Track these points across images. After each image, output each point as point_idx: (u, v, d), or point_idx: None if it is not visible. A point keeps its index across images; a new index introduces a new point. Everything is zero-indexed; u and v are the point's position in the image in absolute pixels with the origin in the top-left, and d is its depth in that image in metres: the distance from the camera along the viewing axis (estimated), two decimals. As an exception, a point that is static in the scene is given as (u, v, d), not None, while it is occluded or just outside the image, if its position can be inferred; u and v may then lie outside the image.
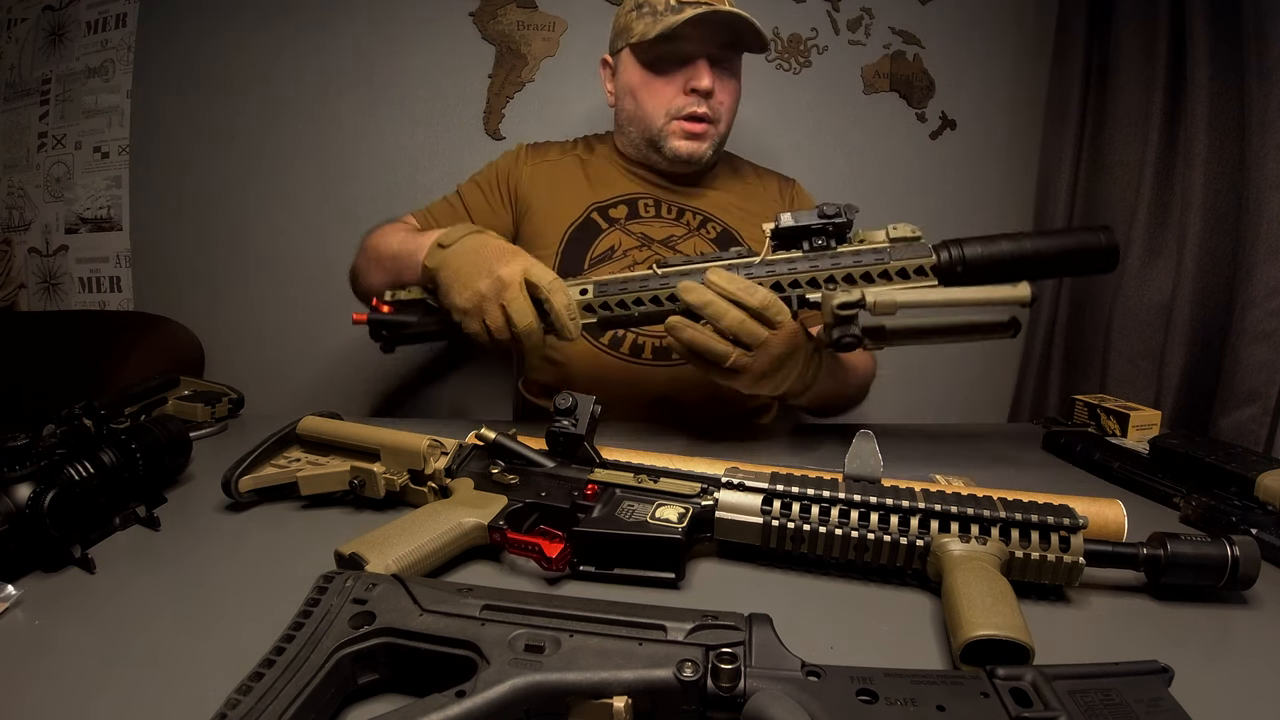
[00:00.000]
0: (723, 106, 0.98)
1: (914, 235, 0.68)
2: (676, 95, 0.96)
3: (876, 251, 0.67)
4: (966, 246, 0.66)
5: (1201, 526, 0.60)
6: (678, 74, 0.95)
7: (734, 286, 0.65)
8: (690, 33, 0.92)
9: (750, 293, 0.65)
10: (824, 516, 0.49)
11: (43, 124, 1.56)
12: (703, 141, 0.98)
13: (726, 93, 0.98)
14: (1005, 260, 0.66)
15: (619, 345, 0.97)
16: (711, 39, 0.94)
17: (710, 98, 0.95)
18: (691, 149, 0.97)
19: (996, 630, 0.38)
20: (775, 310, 0.66)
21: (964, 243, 0.66)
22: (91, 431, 0.56)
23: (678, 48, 0.94)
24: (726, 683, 0.33)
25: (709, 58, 0.95)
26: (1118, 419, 0.84)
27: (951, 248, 0.66)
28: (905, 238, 0.68)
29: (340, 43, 1.47)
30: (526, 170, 1.06)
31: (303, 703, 0.32)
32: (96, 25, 1.52)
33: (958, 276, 0.66)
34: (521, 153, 1.10)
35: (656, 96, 0.97)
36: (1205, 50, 1.12)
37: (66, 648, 0.41)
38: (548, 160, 1.08)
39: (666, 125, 0.97)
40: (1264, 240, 1.03)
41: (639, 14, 0.95)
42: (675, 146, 0.97)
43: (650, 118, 0.98)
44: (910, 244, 0.68)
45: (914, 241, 0.68)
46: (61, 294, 1.60)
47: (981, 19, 1.49)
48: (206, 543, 0.55)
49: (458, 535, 0.50)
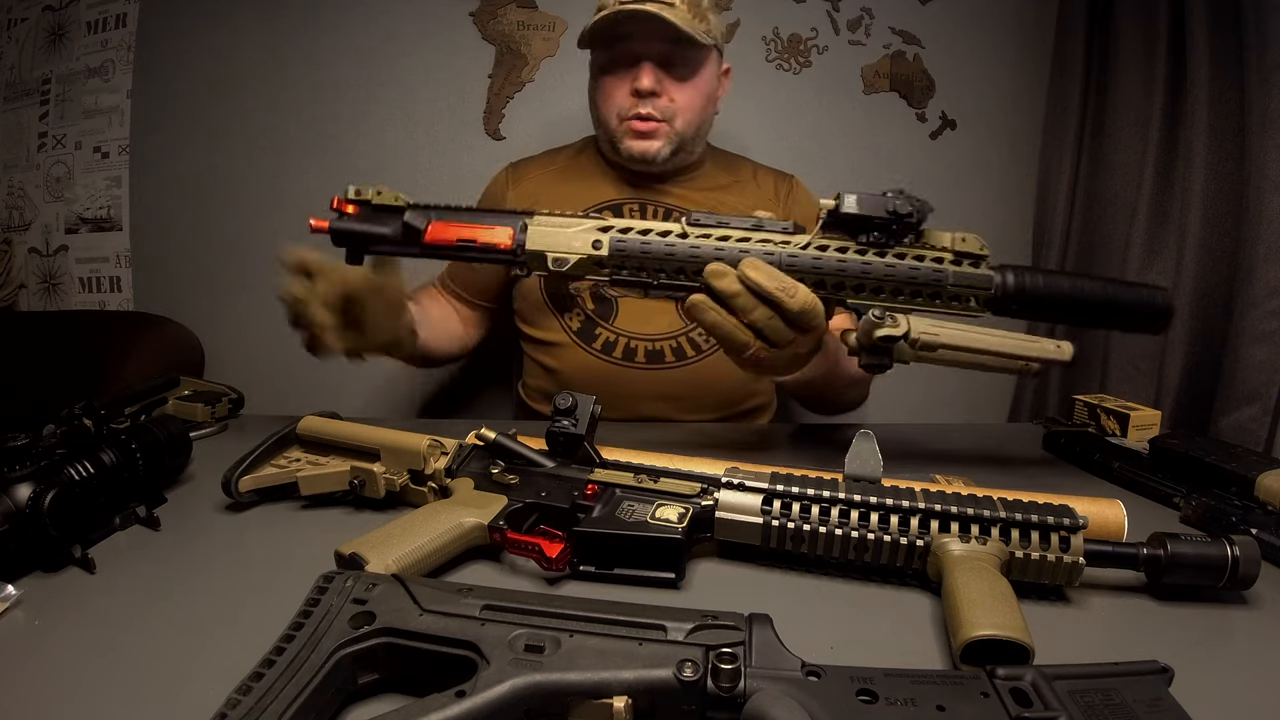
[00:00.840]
0: (674, 105, 0.96)
1: (980, 251, 0.62)
2: (625, 97, 0.96)
3: (936, 269, 0.61)
4: (1029, 277, 0.61)
5: (1201, 526, 0.60)
6: (626, 76, 0.95)
7: (772, 285, 0.58)
8: (634, 31, 0.92)
9: (790, 295, 0.58)
10: (824, 516, 0.49)
11: (43, 124, 1.56)
12: (654, 140, 0.96)
13: (679, 91, 0.96)
14: (1062, 300, 0.62)
15: (611, 350, 0.97)
16: (652, 38, 0.92)
17: (656, 98, 0.95)
18: (643, 148, 0.97)
19: (996, 630, 0.38)
20: (812, 317, 0.60)
21: (1026, 272, 0.62)
22: (91, 431, 0.57)
23: (627, 49, 0.94)
24: (726, 683, 0.33)
25: (659, 57, 0.94)
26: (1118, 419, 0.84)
27: (1011, 275, 0.61)
28: (970, 253, 0.62)
29: (340, 43, 1.47)
30: (512, 193, 1.07)
31: (303, 703, 0.32)
32: (96, 25, 1.52)
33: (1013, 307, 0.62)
34: (505, 176, 1.10)
35: (609, 99, 0.97)
36: (1205, 50, 1.12)
37: (66, 648, 0.41)
38: (529, 178, 1.08)
39: (618, 127, 0.97)
40: (1264, 240, 1.03)
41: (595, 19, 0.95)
42: (628, 146, 0.97)
43: (605, 119, 0.99)
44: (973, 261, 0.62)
45: (978, 259, 0.62)
46: (61, 294, 1.60)
47: (981, 19, 1.49)
48: (207, 543, 0.55)
49: (458, 535, 0.50)
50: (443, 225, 0.65)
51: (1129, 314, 0.63)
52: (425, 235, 0.65)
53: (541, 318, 1.01)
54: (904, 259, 0.61)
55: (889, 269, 0.61)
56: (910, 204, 0.60)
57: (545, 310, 1.00)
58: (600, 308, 0.99)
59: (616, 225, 0.64)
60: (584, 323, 0.99)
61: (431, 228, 0.65)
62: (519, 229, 0.64)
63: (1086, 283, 0.63)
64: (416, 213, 0.66)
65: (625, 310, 0.98)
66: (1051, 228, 1.42)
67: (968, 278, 0.61)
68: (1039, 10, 1.48)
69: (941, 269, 0.61)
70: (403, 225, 0.65)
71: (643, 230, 0.63)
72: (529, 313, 1.03)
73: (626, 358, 0.97)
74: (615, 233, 0.63)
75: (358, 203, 0.67)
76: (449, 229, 0.65)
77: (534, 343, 1.04)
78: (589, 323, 0.98)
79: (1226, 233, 1.12)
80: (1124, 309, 0.63)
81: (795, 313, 0.59)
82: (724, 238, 0.62)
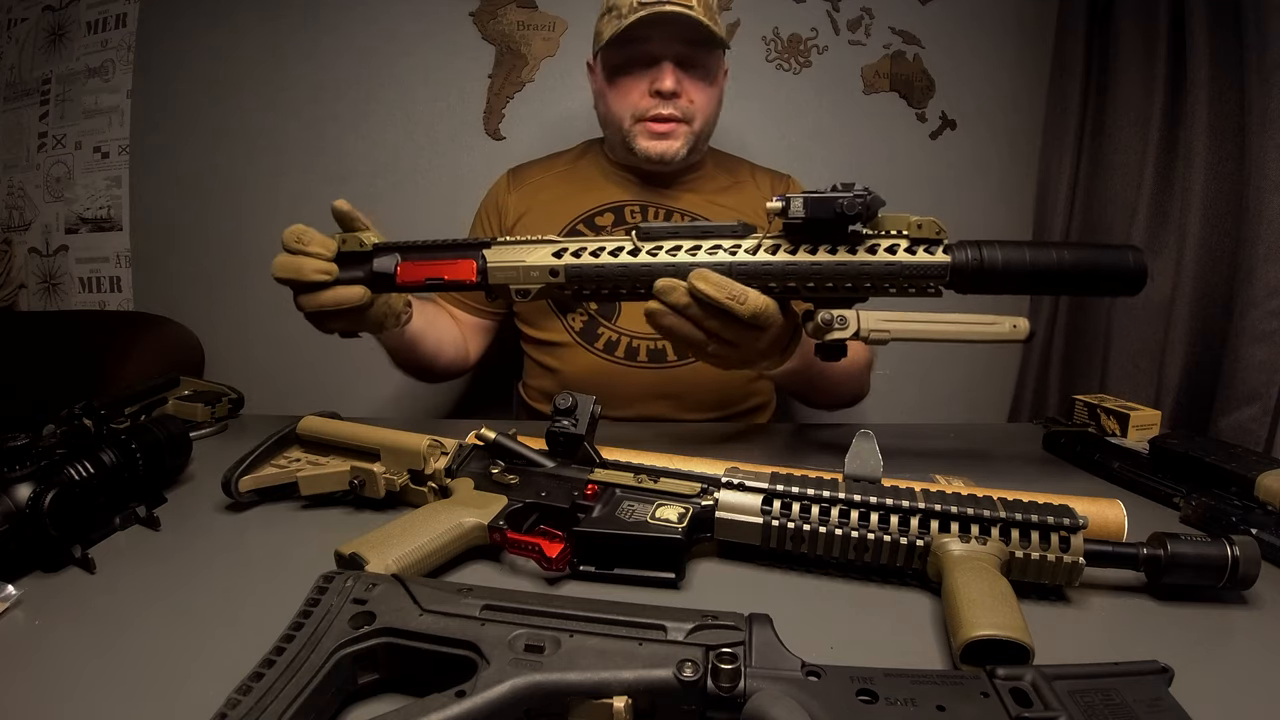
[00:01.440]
0: (693, 106, 0.97)
1: (937, 236, 0.61)
2: (642, 98, 0.96)
3: (887, 262, 0.60)
4: (986, 252, 0.60)
5: (1201, 526, 0.60)
6: (643, 76, 0.95)
7: (722, 295, 0.59)
8: (653, 34, 0.92)
9: (740, 302, 0.59)
10: (824, 516, 0.49)
11: (43, 124, 1.56)
12: (673, 140, 0.97)
13: (697, 92, 0.97)
14: (1025, 272, 0.60)
15: (614, 350, 0.97)
16: (674, 39, 0.93)
17: (676, 98, 0.95)
18: (662, 148, 0.97)
19: (996, 630, 0.38)
20: (766, 319, 0.61)
21: (984, 247, 0.60)
22: (91, 431, 0.57)
23: (643, 50, 0.94)
24: (726, 683, 0.33)
25: (677, 58, 0.94)
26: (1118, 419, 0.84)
27: (970, 251, 0.60)
28: (927, 238, 0.61)
29: (340, 43, 1.47)
30: (512, 198, 1.06)
31: (303, 703, 0.32)
32: (96, 25, 1.52)
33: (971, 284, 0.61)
34: (505, 181, 1.10)
35: (623, 99, 0.97)
36: (1205, 50, 1.12)
37: (67, 648, 0.41)
38: (529, 182, 1.08)
39: (633, 127, 0.97)
40: (1264, 240, 1.03)
41: (608, 19, 0.95)
42: (645, 147, 0.97)
43: (618, 120, 0.98)
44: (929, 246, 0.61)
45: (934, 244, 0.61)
46: (61, 294, 1.60)
47: (981, 19, 1.49)
48: (206, 543, 0.55)
49: (458, 535, 0.50)
50: (411, 266, 0.67)
51: (1100, 278, 0.61)
52: (396, 279, 0.67)
53: (543, 319, 1.01)
54: (855, 254, 0.61)
55: (839, 266, 0.60)
56: (858, 202, 0.59)
57: (547, 311, 1.00)
58: (603, 308, 0.99)
59: (570, 248, 0.65)
60: (586, 323, 0.99)
61: (400, 269, 0.67)
62: (479, 259, 0.66)
63: (1051, 252, 0.61)
64: (384, 257, 0.67)
65: (628, 310, 0.98)
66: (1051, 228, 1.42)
67: (920, 267, 0.60)
68: (1039, 10, 1.48)
69: (893, 260, 0.60)
70: (373, 273, 0.67)
71: (595, 251, 0.64)
72: (530, 314, 1.03)
73: (629, 357, 0.97)
74: (569, 256, 0.65)
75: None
76: (417, 269, 0.67)
77: (535, 343, 1.04)
78: (591, 322, 0.98)
79: (1226, 233, 1.12)
80: (1094, 273, 0.61)
81: (747, 318, 0.60)
82: (675, 248, 0.63)
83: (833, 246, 0.61)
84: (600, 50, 0.98)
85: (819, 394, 0.96)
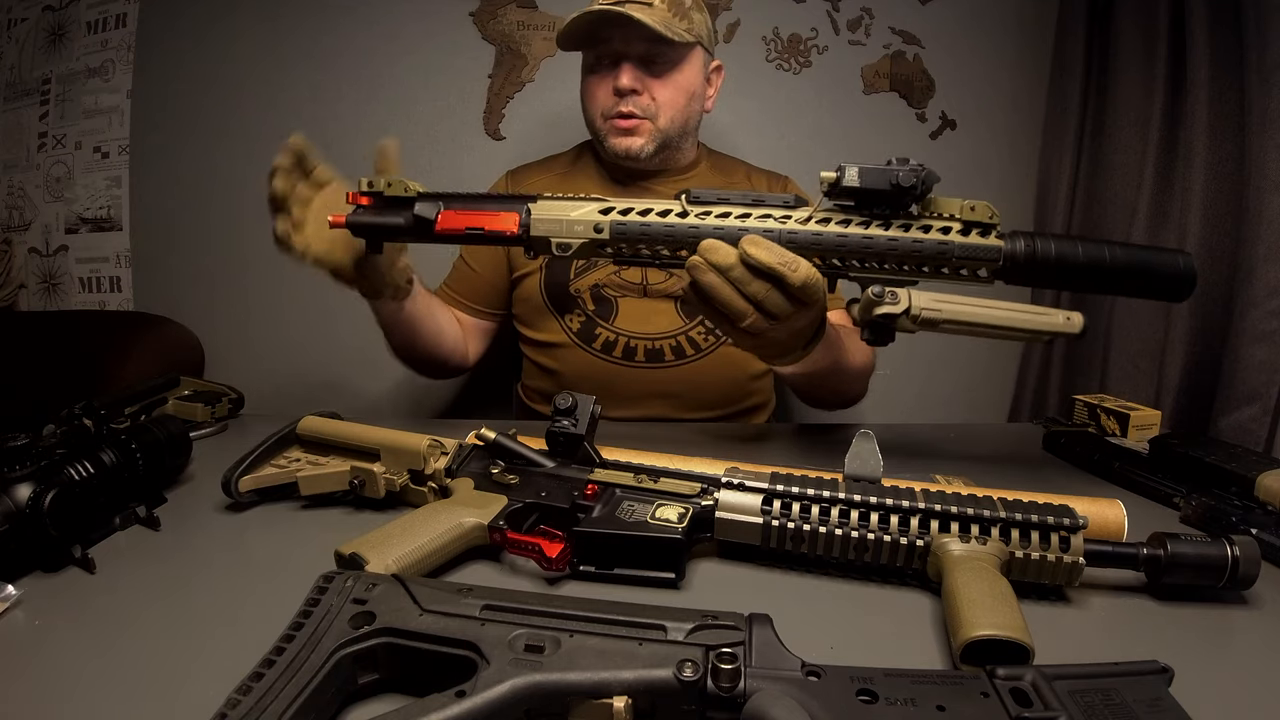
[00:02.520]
0: (655, 103, 0.96)
1: (990, 220, 0.59)
2: (608, 96, 0.96)
3: (941, 241, 0.59)
4: (1039, 243, 0.59)
5: (1201, 526, 0.60)
6: (609, 75, 0.96)
7: (774, 260, 0.57)
8: (613, 34, 0.93)
9: (792, 269, 0.57)
10: (824, 516, 0.49)
11: (43, 124, 1.56)
12: (636, 137, 0.97)
13: (662, 89, 0.96)
14: (1077, 266, 0.59)
15: (611, 350, 0.97)
16: (633, 38, 0.93)
17: (637, 95, 0.95)
18: (627, 145, 0.97)
19: (996, 630, 0.38)
20: (813, 291, 0.59)
21: (1037, 238, 0.59)
22: (91, 431, 0.57)
23: (608, 49, 0.95)
24: (726, 683, 0.33)
25: (640, 57, 0.94)
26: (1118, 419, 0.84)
27: (1022, 242, 0.59)
28: (979, 221, 0.59)
29: (340, 43, 1.47)
30: None
31: (303, 703, 0.32)
32: (96, 25, 1.52)
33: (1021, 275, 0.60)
34: (504, 182, 1.11)
35: (593, 99, 0.98)
36: (1205, 50, 1.12)
37: (67, 648, 0.41)
38: (528, 183, 1.08)
39: (603, 125, 0.98)
40: (1264, 240, 1.03)
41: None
42: (613, 144, 0.97)
43: (591, 119, 1.00)
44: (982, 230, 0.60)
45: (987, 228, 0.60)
46: (61, 294, 1.60)
47: (981, 19, 1.49)
48: (206, 543, 0.55)
49: (458, 535, 0.50)
50: (452, 214, 0.66)
51: (1150, 280, 0.60)
52: (436, 225, 0.66)
53: (541, 320, 1.01)
54: (908, 231, 0.59)
55: (891, 242, 0.59)
56: (915, 175, 0.57)
57: (545, 312, 1.00)
58: (600, 308, 0.99)
59: (617, 206, 0.64)
60: (584, 323, 0.99)
61: (441, 217, 0.66)
62: (524, 214, 0.65)
63: (1105, 248, 0.59)
64: (426, 203, 0.66)
65: (625, 310, 0.98)
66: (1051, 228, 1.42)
67: (973, 249, 0.59)
68: (1039, 10, 1.48)
69: (947, 240, 0.59)
70: (414, 217, 0.66)
71: (643, 210, 0.64)
72: (529, 315, 1.03)
73: (626, 357, 0.97)
74: (616, 214, 0.64)
75: (371, 194, 0.67)
76: (458, 218, 0.66)
77: (534, 344, 1.04)
78: (589, 323, 0.98)
79: (1226, 233, 1.12)
80: (1145, 275, 0.60)
81: (797, 287, 0.58)
82: (724, 214, 0.62)
83: (886, 223, 0.60)
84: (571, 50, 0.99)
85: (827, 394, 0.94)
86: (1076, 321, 0.59)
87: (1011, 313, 0.60)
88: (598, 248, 0.65)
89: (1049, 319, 0.60)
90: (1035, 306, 0.61)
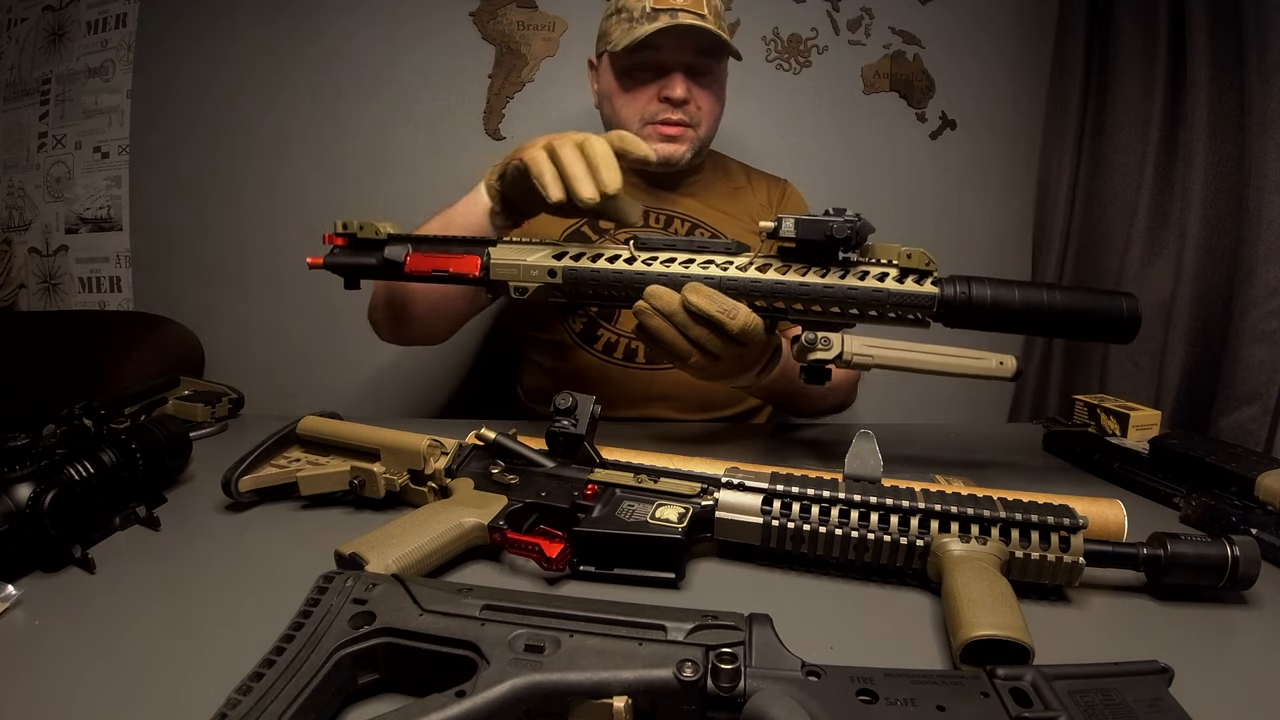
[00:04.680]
0: (700, 112, 0.97)
1: (927, 267, 0.61)
2: (650, 102, 0.96)
3: (874, 289, 0.61)
4: (975, 289, 0.60)
5: (1201, 526, 0.60)
6: (653, 82, 0.96)
7: (713, 308, 0.61)
8: (665, 41, 0.92)
9: (731, 316, 0.61)
10: (824, 516, 0.49)
11: (43, 124, 1.56)
12: (680, 144, 0.97)
13: (705, 99, 0.98)
14: (1013, 311, 0.60)
15: (612, 351, 0.97)
16: (687, 47, 0.93)
17: (685, 105, 0.95)
18: (669, 151, 0.97)
19: (996, 630, 0.38)
20: (751, 335, 0.62)
21: (973, 283, 0.61)
22: (91, 431, 0.56)
23: (653, 56, 0.94)
24: (726, 683, 0.33)
25: (686, 65, 0.95)
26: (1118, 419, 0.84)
27: (959, 287, 0.60)
28: (915, 268, 0.61)
29: (340, 43, 1.47)
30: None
31: (303, 703, 0.32)
32: (96, 25, 1.52)
33: (958, 319, 0.62)
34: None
35: (632, 104, 0.97)
36: (1205, 50, 1.12)
37: (67, 648, 0.41)
38: None
39: (641, 130, 0.97)
40: (1264, 240, 1.03)
41: (617, 19, 0.95)
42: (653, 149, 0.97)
43: (626, 124, 0.98)
44: (918, 276, 0.61)
45: (923, 275, 0.61)
46: (61, 294, 1.60)
47: (981, 19, 1.49)
48: (206, 543, 0.55)
49: (458, 535, 0.50)
50: (419, 257, 0.70)
51: (1091, 323, 0.62)
52: (405, 266, 0.70)
53: (543, 320, 1.01)
54: (844, 278, 0.61)
55: (827, 289, 0.61)
56: (849, 226, 0.60)
57: (547, 313, 1.00)
58: (603, 309, 0.99)
59: (570, 251, 0.67)
60: (586, 324, 0.99)
61: (410, 259, 0.70)
62: (485, 256, 0.69)
63: (1043, 293, 0.61)
64: (395, 246, 0.71)
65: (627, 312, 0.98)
66: (1051, 228, 1.42)
67: (907, 296, 0.60)
68: (1039, 10, 1.48)
69: (880, 288, 0.61)
70: (384, 259, 0.70)
71: (593, 256, 0.67)
72: (531, 315, 1.03)
73: (627, 358, 0.97)
74: (569, 260, 0.67)
75: (345, 235, 0.72)
76: (425, 260, 0.70)
77: (535, 344, 1.03)
78: (591, 324, 0.98)
79: (1226, 233, 1.12)
80: (1085, 319, 0.61)
81: (735, 333, 0.62)
82: (670, 259, 0.65)
83: (823, 270, 0.62)
84: (607, 52, 0.98)
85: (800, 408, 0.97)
86: (1009, 365, 0.62)
87: (944, 357, 0.63)
88: (553, 290, 0.68)
89: (982, 363, 0.62)
90: (970, 351, 0.63)
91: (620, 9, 0.95)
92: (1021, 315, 0.61)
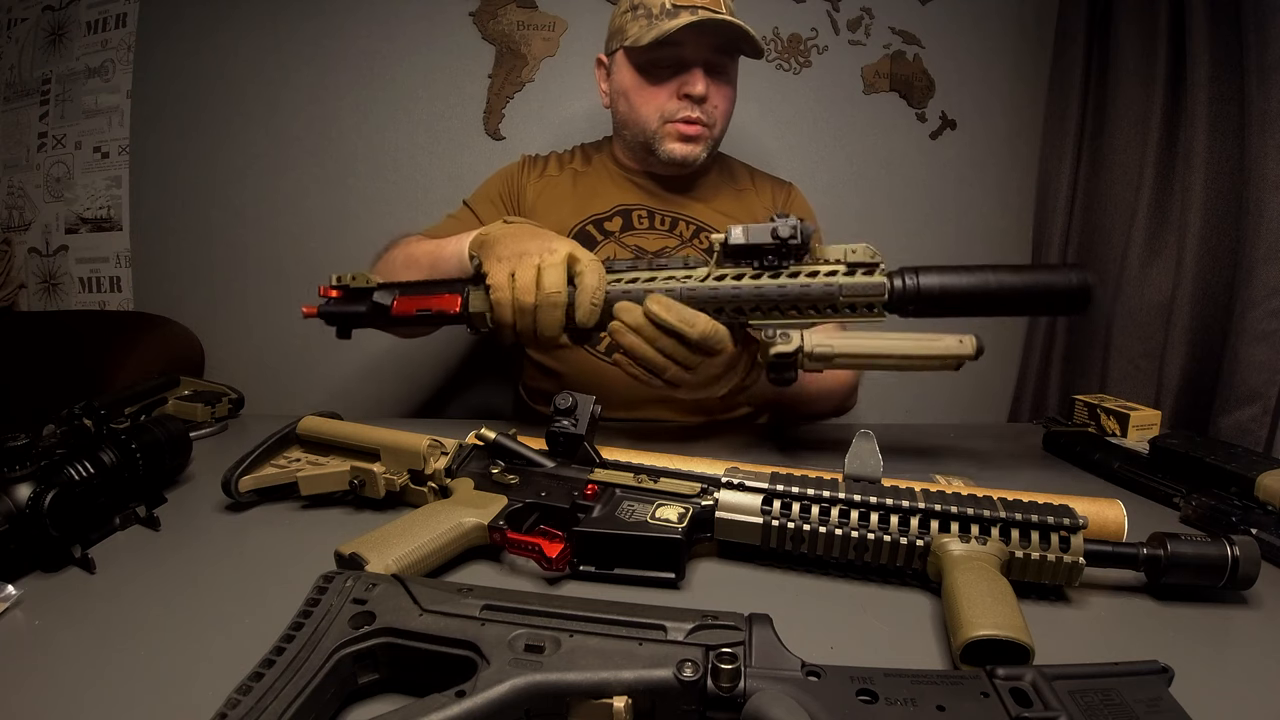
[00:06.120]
0: (717, 111, 0.97)
1: (871, 260, 0.64)
2: (670, 99, 0.96)
3: (827, 284, 0.64)
4: (923, 277, 0.63)
5: (1201, 526, 0.60)
6: (672, 79, 0.95)
7: (672, 317, 0.64)
8: (685, 38, 0.92)
9: (690, 325, 0.64)
10: (824, 516, 0.49)
11: (43, 124, 1.56)
12: (696, 144, 0.98)
13: (721, 97, 0.98)
14: (963, 295, 0.63)
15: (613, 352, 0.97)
16: (706, 44, 0.93)
17: (704, 103, 0.95)
18: (686, 151, 0.97)
19: (996, 630, 0.38)
20: (715, 341, 0.65)
21: (920, 273, 0.64)
22: (91, 431, 0.56)
23: (672, 52, 0.94)
24: (726, 683, 0.33)
25: (704, 62, 0.94)
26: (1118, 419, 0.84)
27: (907, 277, 0.64)
28: (862, 263, 0.64)
29: (340, 43, 1.47)
30: (530, 183, 1.07)
31: (303, 703, 0.32)
32: (96, 25, 1.52)
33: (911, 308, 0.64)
34: (523, 164, 1.10)
35: (650, 100, 0.97)
36: (1205, 50, 1.12)
37: (66, 648, 0.41)
38: (547, 175, 1.08)
39: (660, 128, 0.97)
40: (1264, 240, 1.03)
41: (634, 16, 0.94)
42: (670, 149, 0.97)
43: (644, 121, 0.98)
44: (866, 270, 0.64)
45: (871, 267, 0.64)
46: (61, 294, 1.60)
47: (981, 19, 1.49)
48: (206, 543, 0.55)
49: (458, 535, 0.50)
50: (405, 300, 0.75)
51: (1042, 299, 0.64)
52: (392, 310, 0.74)
53: None
54: (796, 278, 0.65)
55: (781, 289, 0.65)
56: (792, 227, 0.64)
57: None
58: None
59: None
60: (588, 324, 0.99)
61: (396, 303, 0.75)
62: (464, 294, 0.72)
63: (989, 275, 0.63)
64: (383, 292, 0.75)
65: None
66: (1051, 228, 1.42)
67: (859, 288, 0.64)
68: (1039, 10, 1.48)
69: (832, 282, 0.64)
70: (373, 304, 0.75)
71: None
72: None
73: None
74: None
75: (340, 288, 0.77)
76: (410, 302, 0.74)
77: None
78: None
79: (1226, 233, 1.13)
80: (1035, 295, 0.64)
81: (696, 340, 0.64)
82: (633, 279, 0.69)
83: (776, 273, 0.66)
84: (622, 48, 0.97)
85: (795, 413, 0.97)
86: (969, 344, 0.64)
87: (902, 342, 0.64)
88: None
89: (940, 344, 0.64)
90: (928, 335, 0.65)
91: (637, 5, 0.94)
92: (972, 297, 0.63)
